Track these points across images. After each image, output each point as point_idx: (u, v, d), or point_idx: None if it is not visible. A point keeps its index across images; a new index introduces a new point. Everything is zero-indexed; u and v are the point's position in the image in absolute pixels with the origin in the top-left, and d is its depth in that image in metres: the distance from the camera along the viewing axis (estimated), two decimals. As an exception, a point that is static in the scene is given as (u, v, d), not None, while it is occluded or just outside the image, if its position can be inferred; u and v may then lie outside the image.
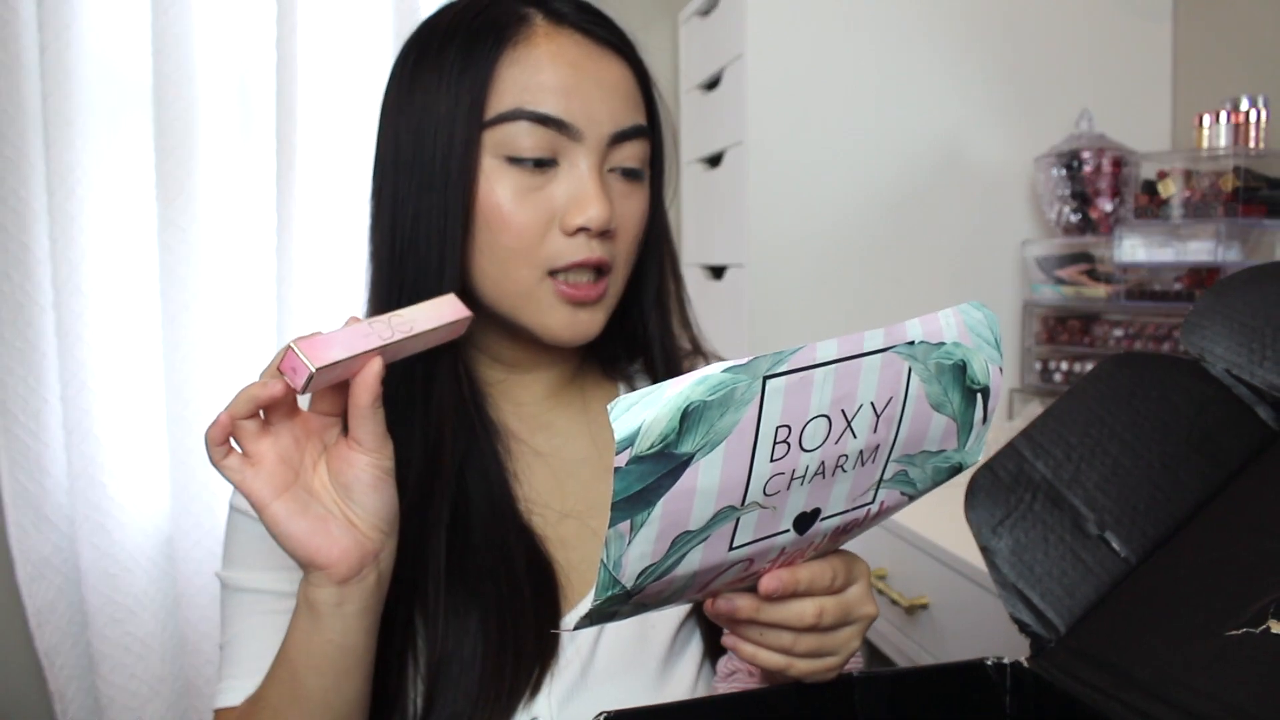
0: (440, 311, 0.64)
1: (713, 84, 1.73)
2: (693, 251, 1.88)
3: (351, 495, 0.62)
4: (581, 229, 0.71)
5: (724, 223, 1.68)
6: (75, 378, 1.67)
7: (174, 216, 1.67)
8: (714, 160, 1.73)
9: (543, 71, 0.71)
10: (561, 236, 0.72)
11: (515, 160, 0.71)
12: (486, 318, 0.76)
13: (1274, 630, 0.48)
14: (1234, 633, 0.49)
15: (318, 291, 1.72)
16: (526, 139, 0.71)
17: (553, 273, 0.73)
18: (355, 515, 0.62)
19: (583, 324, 0.74)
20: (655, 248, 0.81)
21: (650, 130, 0.78)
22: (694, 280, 1.85)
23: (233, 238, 1.74)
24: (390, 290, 0.74)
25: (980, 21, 1.57)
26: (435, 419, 0.73)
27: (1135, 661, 0.52)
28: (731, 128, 1.61)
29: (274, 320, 1.73)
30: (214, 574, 0.78)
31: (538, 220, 0.72)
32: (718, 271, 1.74)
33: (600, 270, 0.74)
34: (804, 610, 0.56)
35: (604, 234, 0.72)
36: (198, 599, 1.75)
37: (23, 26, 1.61)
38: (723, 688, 0.69)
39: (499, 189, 0.71)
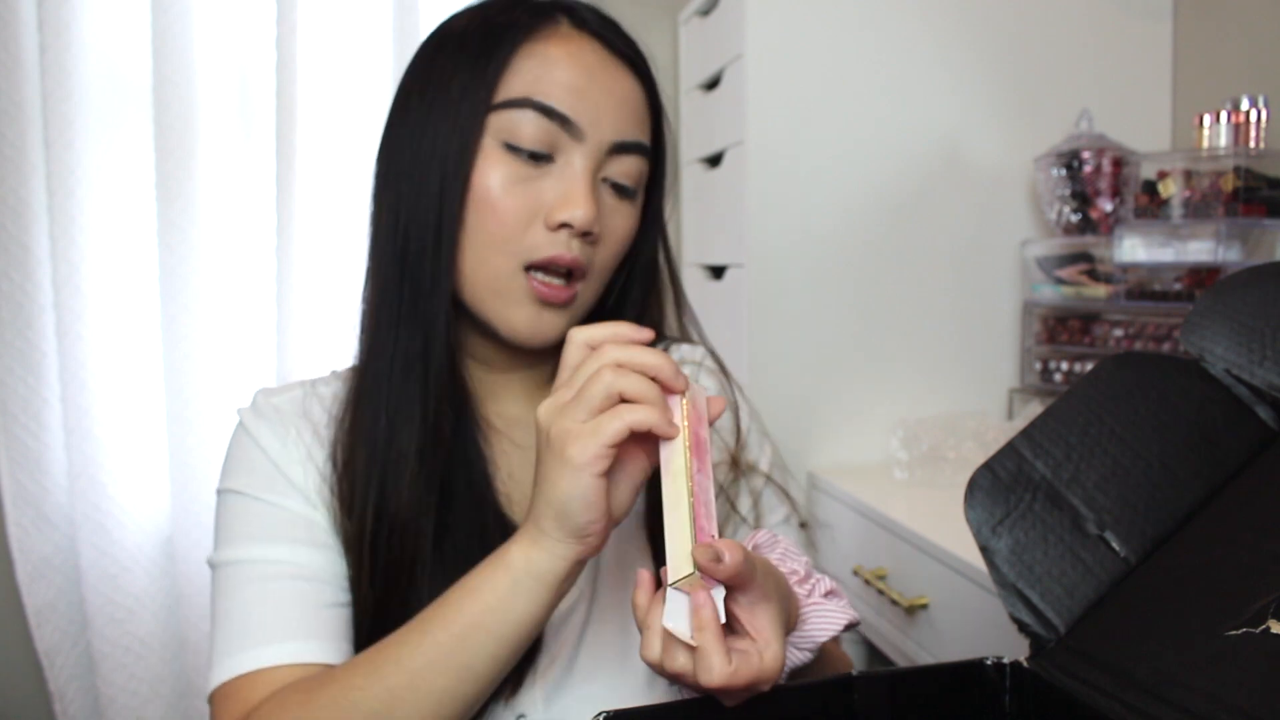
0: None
1: (713, 84, 1.73)
2: (692, 251, 1.88)
3: (619, 487, 0.62)
4: (564, 225, 0.72)
5: (724, 223, 1.67)
6: (75, 378, 1.67)
7: (174, 217, 1.67)
8: (714, 160, 1.73)
9: (558, 68, 0.73)
10: (543, 230, 0.73)
11: (513, 148, 0.72)
12: (465, 318, 0.77)
13: (1274, 630, 0.48)
14: (1234, 633, 0.49)
15: (318, 291, 1.72)
16: (529, 129, 0.72)
17: (529, 268, 0.73)
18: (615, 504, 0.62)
19: (546, 324, 0.75)
20: (646, 271, 0.83)
21: (654, 151, 0.79)
22: (694, 280, 1.85)
23: (233, 238, 1.74)
24: (389, 283, 0.75)
25: (980, 21, 1.57)
26: (434, 406, 0.74)
27: (1135, 661, 0.52)
28: (731, 128, 1.61)
29: (274, 320, 1.73)
30: (205, 561, 0.78)
31: (523, 210, 0.72)
32: (717, 271, 1.74)
33: (572, 275, 0.74)
34: None
35: (585, 235, 0.73)
36: (198, 599, 1.75)
37: (22, 26, 1.61)
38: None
39: (492, 173, 0.72)
